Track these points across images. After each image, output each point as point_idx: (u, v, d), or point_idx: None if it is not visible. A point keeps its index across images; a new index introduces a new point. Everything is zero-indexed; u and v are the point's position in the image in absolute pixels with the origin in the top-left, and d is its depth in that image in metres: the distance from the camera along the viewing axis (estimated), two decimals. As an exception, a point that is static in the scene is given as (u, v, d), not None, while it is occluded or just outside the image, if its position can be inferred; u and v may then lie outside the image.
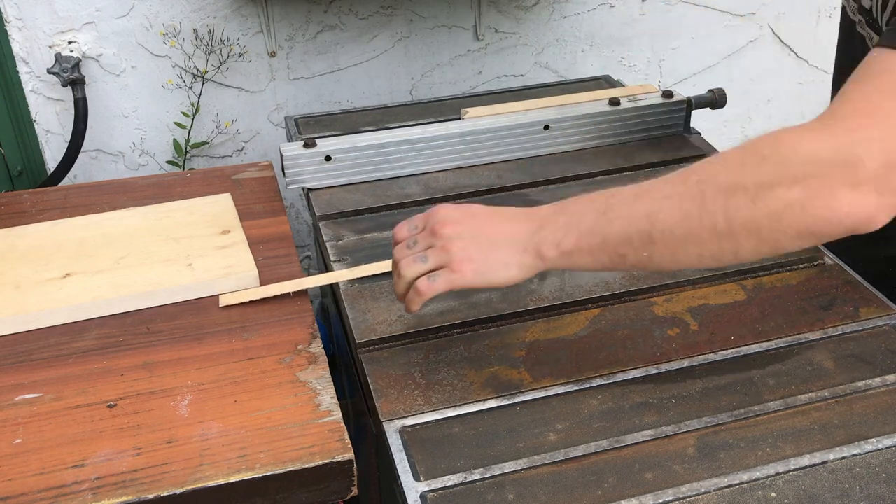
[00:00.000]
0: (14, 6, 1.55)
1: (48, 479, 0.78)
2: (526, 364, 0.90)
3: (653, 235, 0.73)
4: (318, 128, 1.40)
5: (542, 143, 1.30)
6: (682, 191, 0.73)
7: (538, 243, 0.78)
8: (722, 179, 0.71)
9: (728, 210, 0.70)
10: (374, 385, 0.88)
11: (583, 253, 0.77)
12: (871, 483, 0.75)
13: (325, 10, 1.70)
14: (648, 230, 0.73)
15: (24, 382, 0.90)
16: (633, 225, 0.74)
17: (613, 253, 0.76)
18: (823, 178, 0.68)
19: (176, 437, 0.83)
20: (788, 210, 0.69)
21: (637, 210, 0.75)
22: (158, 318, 1.00)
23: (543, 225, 0.79)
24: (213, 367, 0.92)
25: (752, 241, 0.71)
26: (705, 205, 0.71)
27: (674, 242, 0.73)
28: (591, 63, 1.92)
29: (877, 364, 0.88)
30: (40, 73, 1.61)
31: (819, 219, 0.69)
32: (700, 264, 0.75)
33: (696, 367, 0.89)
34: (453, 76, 1.85)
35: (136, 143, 1.73)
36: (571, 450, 0.80)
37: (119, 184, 1.29)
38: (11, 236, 1.14)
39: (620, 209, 0.75)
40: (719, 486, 0.75)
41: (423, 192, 1.22)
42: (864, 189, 0.68)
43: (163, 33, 1.63)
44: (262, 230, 1.16)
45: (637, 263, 0.76)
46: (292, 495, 0.80)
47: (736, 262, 0.76)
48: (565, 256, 0.77)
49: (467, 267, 0.79)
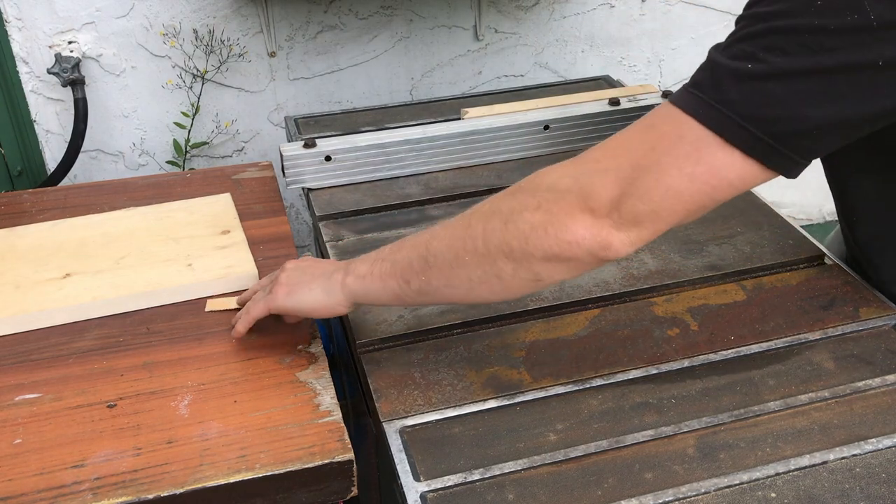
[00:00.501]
0: (14, 6, 1.55)
1: (48, 479, 0.78)
2: (526, 364, 0.90)
3: (428, 260, 0.80)
4: (318, 128, 1.40)
5: (542, 143, 1.30)
6: (456, 222, 0.81)
7: (341, 270, 0.86)
8: (486, 208, 0.79)
9: (486, 233, 0.77)
10: (374, 385, 0.88)
11: (374, 278, 0.84)
12: (871, 483, 0.75)
13: (325, 10, 1.70)
14: (425, 255, 0.80)
15: (24, 382, 0.90)
16: (414, 251, 0.82)
17: (400, 278, 0.82)
18: (562, 203, 0.74)
19: (176, 438, 0.83)
20: (533, 232, 0.75)
21: (420, 239, 0.82)
22: (158, 318, 1.00)
23: (352, 260, 0.87)
24: (213, 367, 0.92)
25: (509, 264, 0.77)
26: (469, 230, 0.79)
27: (445, 266, 0.79)
28: (591, 63, 1.92)
29: (877, 364, 0.88)
30: (40, 73, 1.61)
31: (560, 241, 0.74)
32: (472, 293, 0.80)
33: (696, 367, 0.89)
34: (453, 76, 1.85)
35: (136, 143, 1.73)
36: (571, 450, 0.80)
37: (119, 184, 1.29)
38: (11, 236, 1.14)
39: (409, 241, 0.84)
40: (719, 486, 0.75)
41: (423, 192, 1.22)
42: (599, 216, 0.73)
43: (163, 33, 1.63)
44: (262, 230, 1.16)
45: (419, 290, 0.82)
46: (292, 495, 0.80)
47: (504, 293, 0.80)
48: (359, 280, 0.84)
49: (280, 291, 0.88)
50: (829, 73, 0.68)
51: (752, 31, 0.71)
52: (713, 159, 0.71)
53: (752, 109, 0.69)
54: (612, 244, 0.74)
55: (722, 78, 0.71)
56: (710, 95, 0.71)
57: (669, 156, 0.71)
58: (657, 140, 0.72)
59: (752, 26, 0.71)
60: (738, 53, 0.71)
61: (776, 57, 0.68)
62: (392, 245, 0.85)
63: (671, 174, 0.71)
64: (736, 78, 0.70)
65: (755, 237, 1.09)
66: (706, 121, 0.70)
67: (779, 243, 1.07)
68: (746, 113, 0.69)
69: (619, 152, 0.74)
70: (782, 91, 0.69)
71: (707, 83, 0.72)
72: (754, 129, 0.69)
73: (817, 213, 2.34)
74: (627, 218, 0.73)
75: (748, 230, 1.10)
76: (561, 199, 0.74)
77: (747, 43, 0.71)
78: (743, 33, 0.72)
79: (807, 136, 0.70)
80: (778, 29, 0.69)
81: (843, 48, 0.67)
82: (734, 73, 0.70)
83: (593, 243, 0.74)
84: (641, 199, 0.72)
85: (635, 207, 0.72)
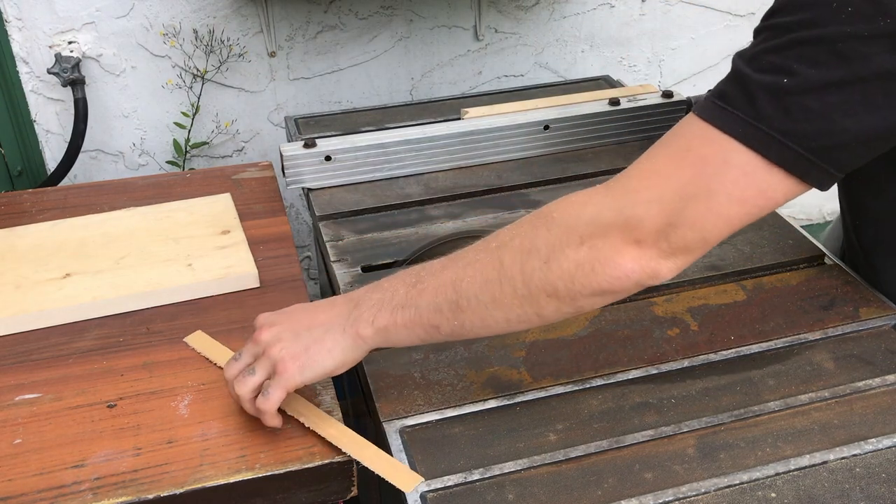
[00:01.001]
0: (14, 6, 1.55)
1: (48, 479, 0.78)
2: (526, 364, 0.90)
3: (460, 303, 0.75)
4: (318, 128, 1.40)
5: (542, 143, 1.30)
6: (483, 257, 0.75)
7: (354, 323, 0.77)
8: (517, 244, 0.74)
9: (525, 273, 0.73)
10: (374, 385, 0.88)
11: (398, 327, 0.77)
12: (871, 483, 0.75)
13: (325, 10, 1.70)
14: (455, 299, 0.75)
15: (24, 382, 0.90)
16: (440, 294, 0.75)
17: (427, 324, 0.76)
18: (607, 239, 0.71)
19: (176, 437, 0.83)
20: (579, 271, 0.72)
21: (443, 279, 0.76)
22: (158, 318, 1.00)
23: (358, 304, 0.78)
24: (214, 368, 0.92)
25: (552, 303, 0.74)
26: (504, 269, 0.74)
27: (480, 309, 0.75)
28: (591, 63, 1.92)
29: (877, 364, 0.88)
30: (40, 73, 1.61)
31: (608, 277, 0.72)
32: (510, 328, 0.77)
33: (696, 367, 0.89)
34: (453, 76, 1.85)
35: (136, 143, 1.73)
36: (571, 450, 0.80)
37: (119, 184, 1.29)
38: (11, 236, 1.14)
39: (429, 280, 0.76)
40: (719, 486, 0.75)
41: (423, 192, 1.22)
42: (646, 247, 0.71)
43: (163, 33, 1.63)
44: (262, 230, 1.16)
45: (451, 333, 0.77)
46: (292, 495, 0.80)
47: (544, 325, 0.79)
48: (382, 333, 0.77)
49: (291, 366, 0.77)
50: (865, 81, 0.66)
51: (780, 44, 0.69)
52: (761, 182, 0.70)
53: (790, 125, 0.68)
54: (660, 272, 0.72)
55: (755, 93, 0.69)
56: (745, 112, 0.69)
57: (717, 182, 0.70)
58: (700, 165, 0.70)
59: (778, 38, 0.70)
60: (767, 66, 0.69)
61: (809, 68, 0.67)
62: (403, 280, 0.78)
63: (720, 201, 0.70)
64: (770, 93, 0.69)
65: (755, 237, 1.09)
66: (750, 142, 0.69)
67: (779, 243, 1.07)
68: (785, 129, 0.68)
69: (659, 180, 0.72)
70: (819, 105, 0.68)
71: (739, 98, 0.70)
72: (794, 145, 0.68)
73: (817, 213, 2.34)
74: (676, 246, 0.71)
75: (748, 230, 1.10)
76: (605, 234, 0.71)
77: (776, 55, 0.69)
78: (769, 45, 0.70)
79: (845, 148, 0.69)
80: (807, 39, 0.68)
81: (879, 54, 0.65)
82: (768, 87, 0.69)
83: (642, 275, 0.72)
84: (692, 228, 0.70)
85: (685, 237, 0.71)
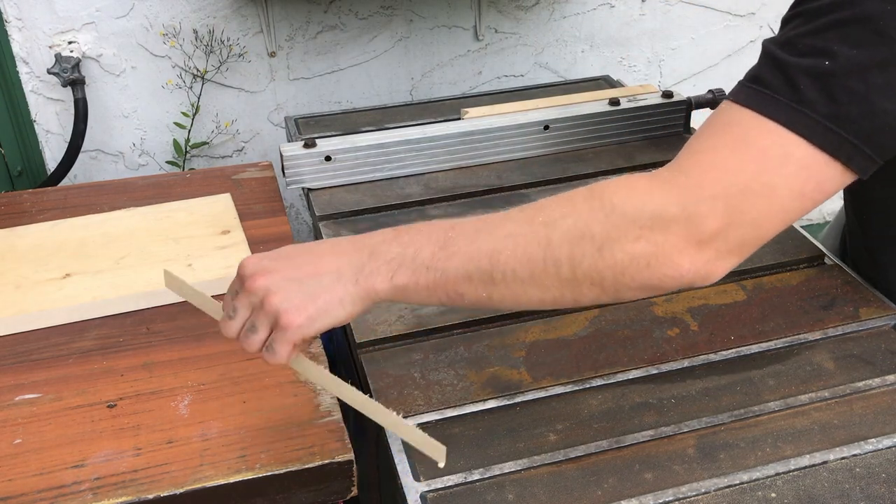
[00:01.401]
0: (14, 6, 1.55)
1: (48, 479, 0.78)
2: (526, 364, 0.90)
3: (494, 276, 0.70)
4: (318, 128, 1.40)
5: (542, 143, 1.30)
6: (528, 232, 0.70)
7: (369, 275, 0.71)
8: (569, 225, 0.69)
9: (574, 258, 0.69)
10: (374, 385, 0.88)
11: (419, 288, 0.71)
12: (871, 483, 0.75)
13: (325, 11, 1.70)
14: (489, 270, 0.70)
15: (24, 382, 0.90)
16: (473, 262, 0.70)
17: (452, 290, 0.71)
18: (668, 235, 0.68)
19: (176, 438, 0.82)
20: (633, 264, 0.68)
21: (478, 247, 0.70)
22: (158, 318, 1.00)
23: (374, 254, 0.72)
24: (213, 367, 0.92)
25: (594, 291, 0.70)
26: (550, 250, 0.69)
27: (516, 285, 0.70)
28: (591, 63, 1.92)
29: (877, 364, 0.88)
30: (40, 74, 1.61)
31: (662, 275, 0.68)
32: (539, 306, 0.73)
33: (696, 367, 0.89)
34: (453, 76, 1.85)
35: (136, 143, 1.73)
36: (571, 450, 0.79)
37: (119, 184, 1.29)
38: (11, 236, 1.14)
39: (460, 244, 0.71)
40: (719, 486, 0.75)
41: (423, 192, 1.22)
42: (706, 248, 0.68)
43: (163, 33, 1.63)
44: (262, 230, 1.16)
45: (475, 302, 0.72)
46: (292, 495, 0.80)
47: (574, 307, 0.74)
48: (399, 290, 0.71)
49: (298, 318, 0.70)
50: None
51: (817, 26, 0.68)
52: (819, 174, 0.68)
53: (835, 109, 0.67)
54: (715, 274, 0.70)
55: (795, 77, 0.68)
56: (788, 97, 0.68)
57: (780, 177, 0.68)
58: (761, 160, 0.68)
59: (814, 21, 0.68)
60: (806, 50, 0.68)
61: (851, 49, 0.66)
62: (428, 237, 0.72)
63: (783, 196, 0.68)
64: (812, 76, 0.67)
65: (755, 237, 1.08)
66: (797, 128, 0.67)
67: (779, 243, 1.07)
68: (830, 113, 0.67)
69: (722, 175, 0.68)
70: (863, 87, 0.66)
71: (779, 83, 0.69)
72: (839, 129, 0.67)
73: (817, 213, 2.34)
74: (734, 245, 0.69)
75: (748, 230, 1.10)
76: (667, 231, 0.67)
77: (814, 38, 0.68)
78: (806, 29, 0.69)
79: (887, 131, 0.68)
80: (846, 20, 0.66)
81: None
82: (809, 71, 0.67)
83: (696, 276, 0.69)
84: (753, 227, 0.68)
85: (745, 235, 0.69)
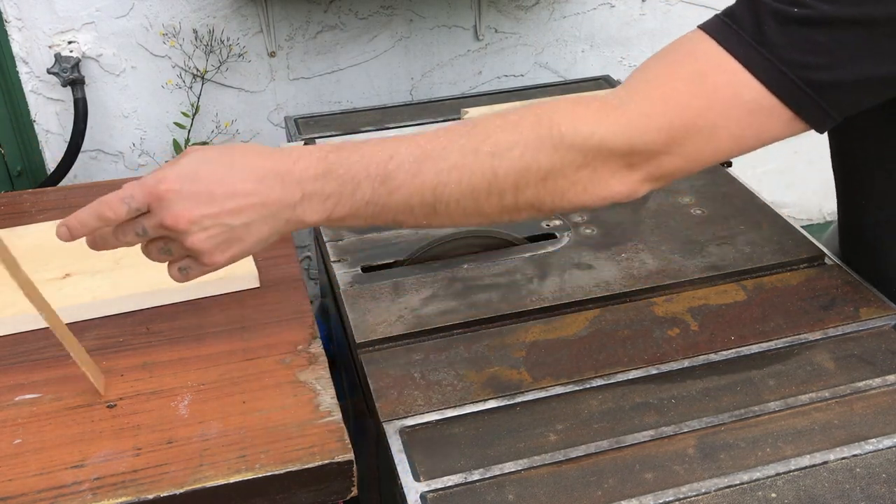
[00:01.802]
0: (14, 6, 1.55)
1: (48, 480, 0.78)
2: (526, 364, 0.90)
3: (436, 207, 0.71)
4: (318, 128, 1.40)
5: (542, 143, 1.30)
6: (473, 163, 0.70)
7: (302, 214, 0.71)
8: (516, 156, 0.70)
9: (518, 187, 0.71)
10: (374, 385, 0.88)
11: (356, 219, 0.72)
12: (871, 483, 0.75)
13: (325, 10, 1.70)
14: (432, 202, 0.71)
15: (24, 382, 0.90)
16: (416, 197, 0.71)
17: (391, 219, 0.73)
18: (608, 163, 0.71)
19: (176, 438, 0.82)
20: (572, 189, 0.72)
21: (422, 181, 0.70)
22: (158, 318, 1.00)
23: (307, 195, 0.70)
24: (213, 368, 0.92)
25: (531, 212, 0.74)
26: (496, 181, 0.70)
27: (457, 213, 0.72)
28: (591, 63, 1.92)
29: (877, 364, 0.88)
30: (40, 73, 1.61)
31: (596, 197, 0.72)
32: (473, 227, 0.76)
33: (697, 368, 0.89)
34: (453, 76, 1.85)
35: (136, 143, 1.73)
36: (571, 450, 0.79)
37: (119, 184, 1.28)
38: (11, 236, 1.14)
39: (401, 177, 0.70)
40: (719, 486, 0.75)
41: (423, 192, 1.22)
42: (636, 170, 0.72)
43: (162, 33, 1.63)
44: (262, 230, 1.16)
45: (412, 226, 0.75)
46: (292, 495, 0.80)
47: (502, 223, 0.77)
48: (333, 222, 0.73)
49: (221, 258, 0.72)
50: (874, 25, 0.66)
51: None
52: (765, 121, 0.69)
53: (793, 55, 0.68)
54: (637, 193, 0.73)
55: (763, 17, 0.69)
56: (751, 35, 0.69)
57: (724, 118, 0.69)
58: (712, 96, 0.69)
59: None
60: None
61: (822, 3, 0.67)
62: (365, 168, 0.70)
63: (721, 138, 0.69)
64: (779, 20, 0.68)
65: (755, 237, 1.09)
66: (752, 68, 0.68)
67: (779, 243, 1.07)
68: (788, 58, 0.68)
69: (671, 106, 0.70)
70: (825, 39, 0.67)
71: (747, 20, 0.70)
72: (794, 76, 0.68)
73: (817, 213, 2.34)
74: (662, 173, 0.71)
75: (748, 230, 1.10)
76: (609, 159, 0.70)
77: None
78: None
79: (843, 88, 0.69)
80: None
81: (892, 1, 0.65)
82: (777, 14, 0.68)
83: (622, 196, 0.72)
84: (685, 159, 0.70)
85: (675, 165, 0.71)
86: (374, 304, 0.99)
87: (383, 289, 1.01)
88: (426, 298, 0.99)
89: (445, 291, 1.00)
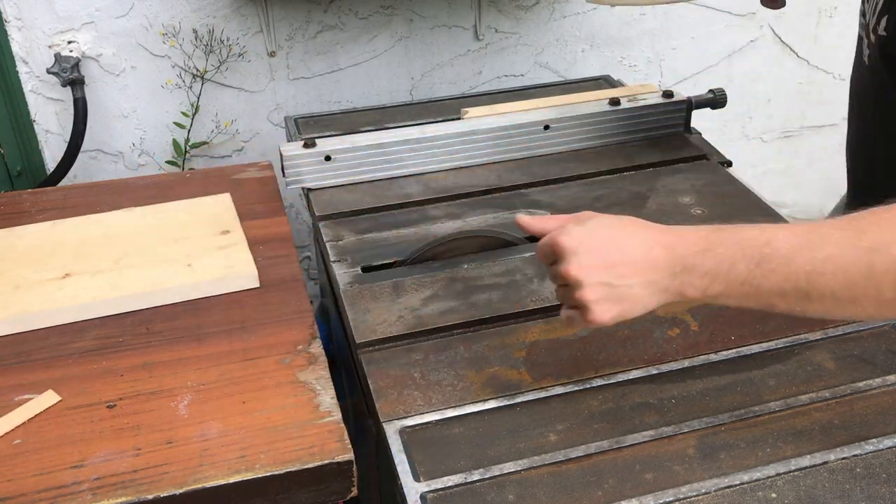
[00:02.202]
0: (14, 6, 1.55)
1: (48, 480, 0.78)
2: (526, 364, 0.90)
3: (810, 294, 0.72)
4: (318, 128, 1.40)
5: (542, 143, 1.30)
6: (849, 255, 0.71)
7: (680, 286, 0.76)
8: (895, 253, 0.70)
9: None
10: (374, 385, 0.88)
11: (729, 298, 0.75)
12: (871, 483, 0.75)
13: (324, 10, 1.70)
14: (806, 289, 0.72)
15: (24, 382, 0.90)
16: (789, 282, 0.72)
17: (764, 302, 0.75)
18: None
19: (176, 438, 0.82)
20: None
21: (796, 269, 0.72)
22: (158, 319, 1.00)
23: (687, 267, 0.75)
24: (213, 368, 0.92)
25: None
26: (873, 276, 0.70)
27: (832, 304, 0.72)
28: (591, 63, 1.92)
29: (877, 364, 0.88)
30: (40, 73, 1.61)
31: None
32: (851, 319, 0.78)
33: (697, 368, 0.89)
34: (453, 76, 1.85)
35: (136, 143, 1.73)
36: (571, 450, 0.79)
37: (119, 184, 1.29)
38: (11, 236, 1.14)
39: (776, 263, 0.73)
40: (719, 486, 0.75)
41: (423, 192, 1.22)
42: None
43: (162, 33, 1.63)
44: (262, 230, 1.16)
45: (784, 312, 0.75)
46: (292, 495, 0.80)
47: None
48: (708, 298, 0.76)
49: (603, 317, 0.77)
50: None
51: None
52: None
53: None
54: None
55: None
56: None
57: None
58: None
59: None
60: None
61: None
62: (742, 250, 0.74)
63: None
64: None
65: (755, 237, 1.08)
66: None
67: (779, 243, 1.07)
68: None
69: None
70: None
71: None
72: None
73: (817, 213, 2.34)
74: None
75: (748, 230, 1.10)
76: None
77: None
78: None
79: None
80: None
81: None
82: None
83: None
84: None
85: None
86: (374, 304, 0.99)
87: (383, 289, 1.01)
88: (426, 298, 0.99)
89: (445, 291, 1.00)
